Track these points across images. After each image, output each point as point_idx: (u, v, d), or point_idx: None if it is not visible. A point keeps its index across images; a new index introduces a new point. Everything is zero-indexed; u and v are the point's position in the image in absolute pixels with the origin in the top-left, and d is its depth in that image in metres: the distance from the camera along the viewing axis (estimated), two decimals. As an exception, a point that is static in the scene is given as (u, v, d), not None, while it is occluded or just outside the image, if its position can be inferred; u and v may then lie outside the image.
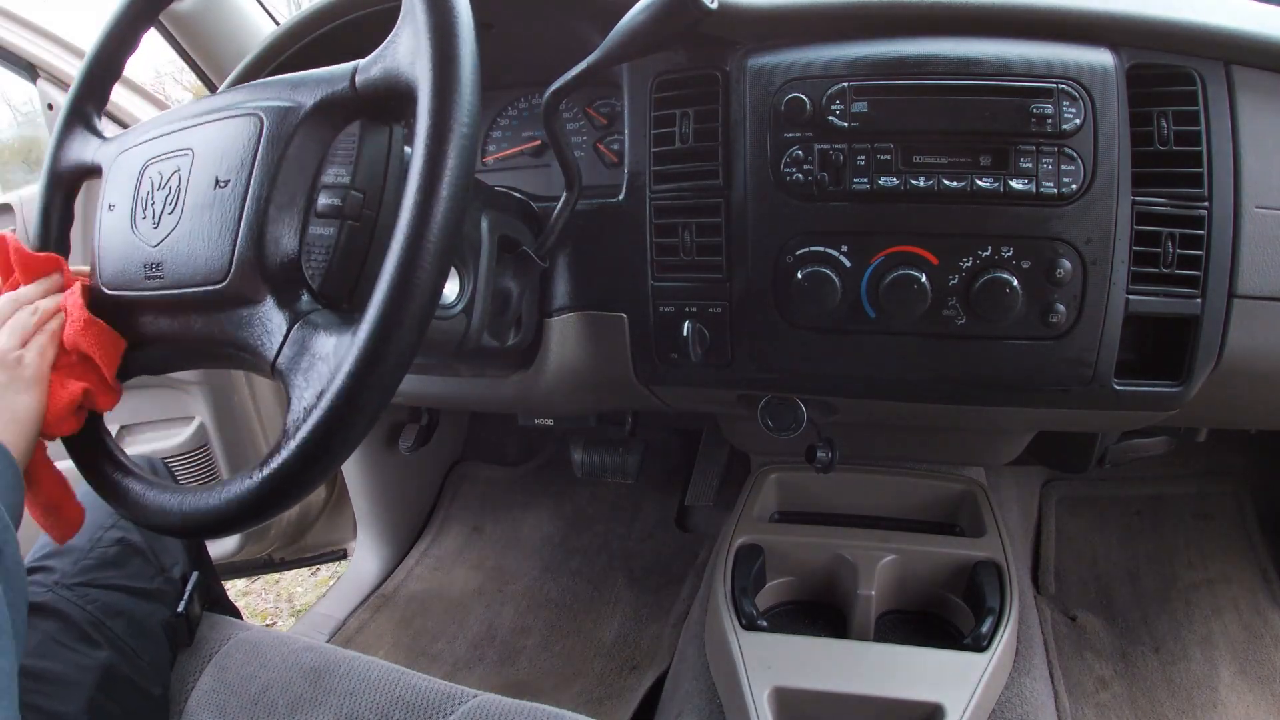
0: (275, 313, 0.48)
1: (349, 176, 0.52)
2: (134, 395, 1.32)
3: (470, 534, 1.50)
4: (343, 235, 0.52)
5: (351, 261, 0.53)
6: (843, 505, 1.06)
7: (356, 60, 0.49)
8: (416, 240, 0.42)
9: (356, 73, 0.49)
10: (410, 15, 0.46)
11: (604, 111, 0.94)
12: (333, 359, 0.44)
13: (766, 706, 0.76)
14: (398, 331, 0.42)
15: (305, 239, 0.51)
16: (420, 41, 0.45)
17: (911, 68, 0.67)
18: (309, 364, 0.45)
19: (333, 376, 0.43)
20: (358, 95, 0.49)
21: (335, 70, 0.50)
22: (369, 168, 0.53)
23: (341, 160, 0.53)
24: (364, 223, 0.52)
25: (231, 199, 0.50)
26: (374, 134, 0.53)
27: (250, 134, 0.50)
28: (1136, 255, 0.67)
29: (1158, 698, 1.01)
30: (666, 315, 0.78)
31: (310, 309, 0.49)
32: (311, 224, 0.51)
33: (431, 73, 0.44)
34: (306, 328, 0.47)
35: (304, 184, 0.50)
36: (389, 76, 0.47)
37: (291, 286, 0.49)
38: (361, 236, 0.52)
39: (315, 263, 0.52)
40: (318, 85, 0.50)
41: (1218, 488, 1.29)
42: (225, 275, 0.49)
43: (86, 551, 0.69)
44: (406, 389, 0.56)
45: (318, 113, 0.50)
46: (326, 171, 0.52)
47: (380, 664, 0.67)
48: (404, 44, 0.46)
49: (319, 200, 0.51)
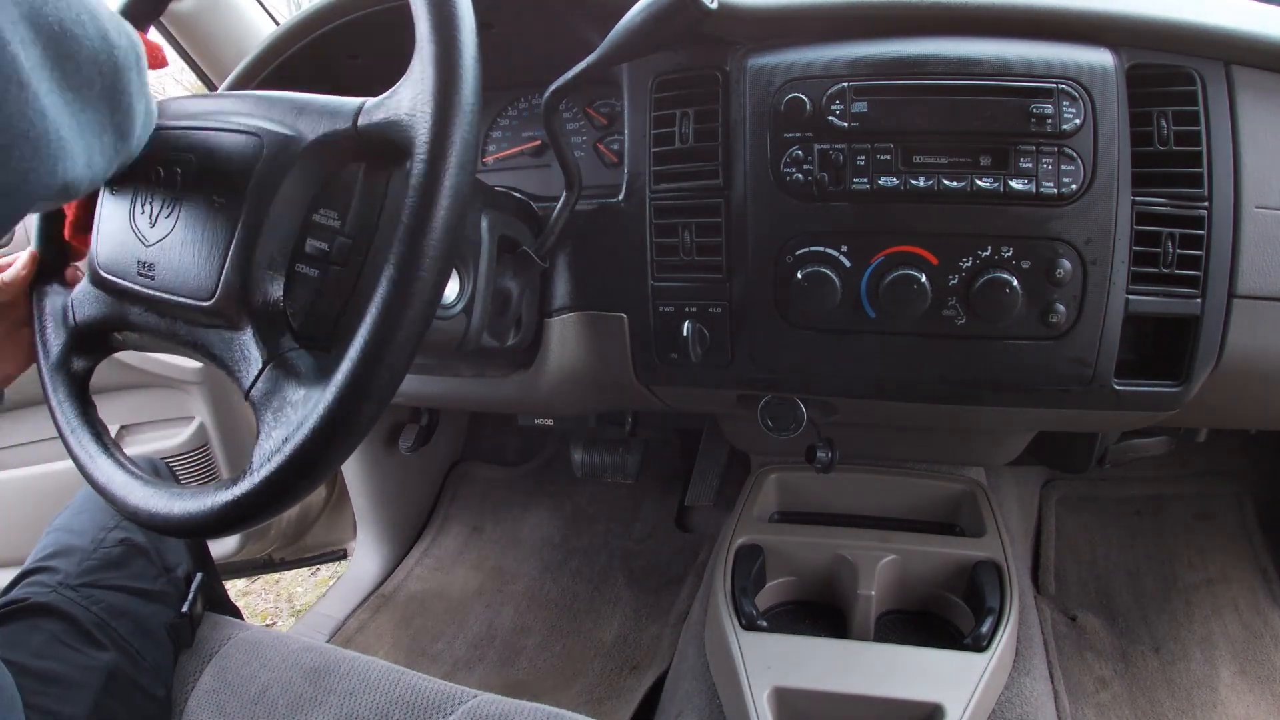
0: (254, 345, 0.49)
1: (340, 220, 0.52)
2: (134, 395, 1.32)
3: (470, 534, 1.50)
4: (328, 279, 0.52)
5: (333, 305, 0.53)
6: (843, 505, 1.06)
7: (363, 99, 0.49)
8: (393, 313, 0.43)
9: (360, 114, 0.48)
10: (421, 59, 0.46)
11: (604, 111, 0.94)
12: (301, 409, 0.45)
13: (766, 706, 0.76)
14: (364, 400, 0.43)
15: (290, 277, 0.51)
16: (422, 100, 0.45)
17: (911, 68, 0.67)
18: (279, 405, 0.46)
19: (300, 425, 0.44)
20: (359, 137, 0.49)
21: (340, 105, 0.50)
22: (361, 213, 0.53)
23: (335, 201, 0.52)
24: (350, 268, 0.53)
25: (224, 221, 0.50)
26: (370, 178, 0.53)
27: (249, 157, 0.50)
28: (1136, 255, 0.67)
29: (1158, 698, 1.01)
30: (666, 315, 0.78)
31: (289, 348, 0.49)
32: (298, 263, 0.52)
33: (430, 134, 0.44)
34: (281, 368, 0.48)
35: (295, 222, 0.51)
36: (389, 125, 0.47)
37: (272, 325, 0.50)
38: (347, 280, 0.53)
39: (298, 301, 0.52)
40: (320, 118, 0.50)
41: (1218, 488, 1.29)
42: (211, 295, 0.50)
43: (90, 552, 0.69)
44: (406, 389, 0.56)
45: (317, 149, 0.50)
46: (319, 211, 0.52)
47: (380, 664, 0.67)
48: (407, 97, 0.46)
49: (308, 242, 0.51)
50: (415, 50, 0.46)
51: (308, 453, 0.44)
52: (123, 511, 0.52)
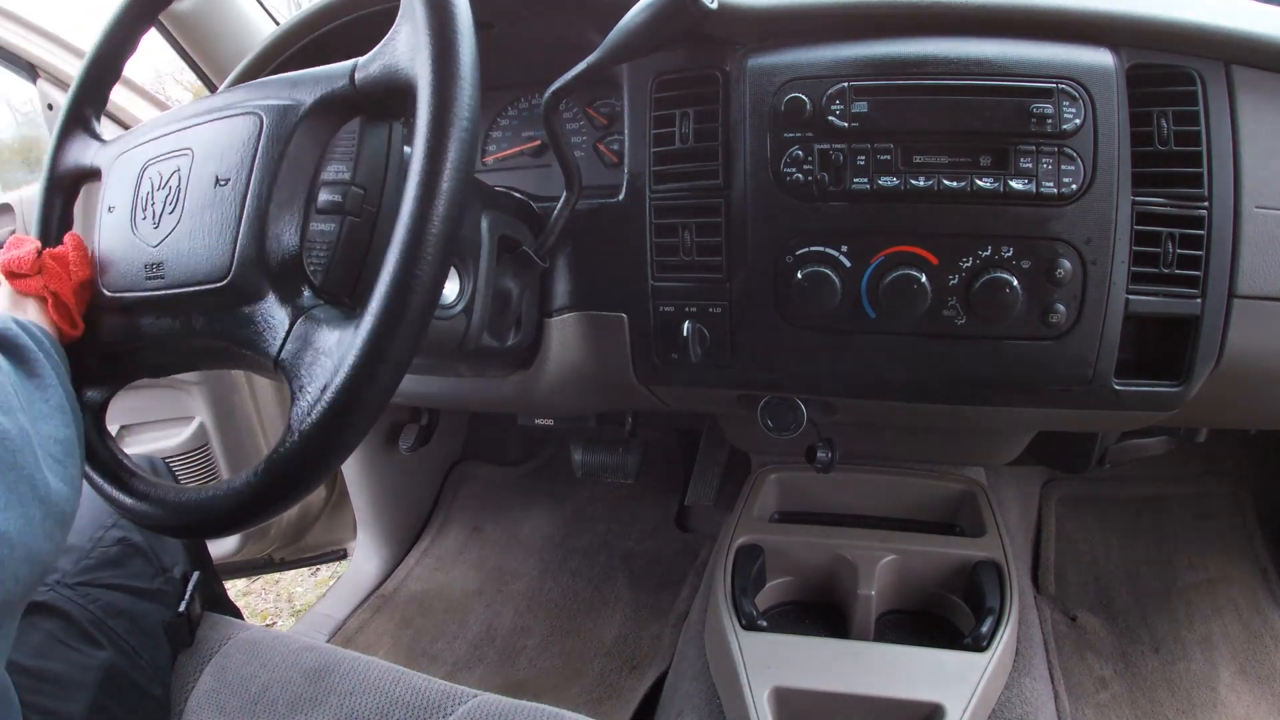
0: (277, 309, 0.48)
1: (349, 173, 0.52)
2: (134, 395, 1.32)
3: (470, 534, 1.50)
4: (343, 231, 0.52)
5: (352, 257, 0.53)
6: (843, 505, 1.06)
7: (356, 58, 0.49)
8: (418, 235, 0.42)
9: (356, 70, 0.49)
10: (409, 13, 0.46)
11: (604, 111, 0.94)
12: (336, 353, 0.44)
13: (766, 706, 0.76)
14: (400, 325, 0.42)
15: (306, 235, 0.51)
16: (419, 38, 0.45)
17: (911, 68, 0.67)
18: (312, 358, 0.45)
19: (337, 369, 0.43)
20: (357, 92, 0.49)
21: (334, 68, 0.50)
22: (369, 164, 0.53)
23: (341, 157, 0.53)
24: (364, 218, 0.53)
25: (232, 197, 0.50)
26: (374, 130, 0.53)
27: (250, 132, 0.50)
28: (1136, 255, 0.67)
29: (1158, 698, 1.01)
30: (666, 315, 0.78)
31: (312, 304, 0.49)
32: (312, 220, 0.51)
33: (431, 69, 0.44)
34: (309, 322, 0.47)
35: (304, 180, 0.50)
36: (388, 73, 0.47)
37: (293, 282, 0.49)
38: (362, 232, 0.53)
39: (316, 259, 0.52)
40: (317, 83, 0.50)
41: (1218, 488, 1.29)
42: (227, 273, 0.49)
43: (88, 551, 0.69)
44: (406, 389, 0.56)
45: (317, 110, 0.50)
46: (327, 168, 0.52)
47: (380, 664, 0.67)
48: (403, 41, 0.46)
49: (320, 196, 0.51)
50: (401, 10, 0.46)
51: (351, 394, 0.42)
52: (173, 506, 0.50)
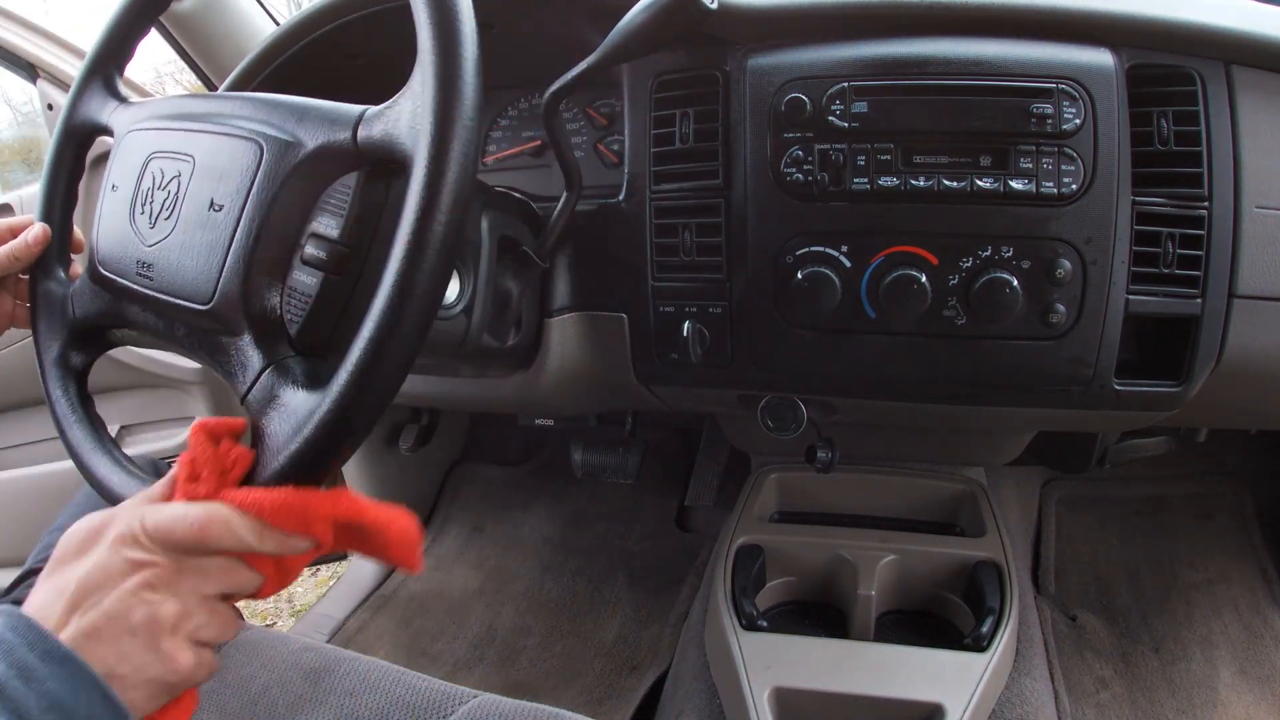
0: (252, 349, 0.49)
1: (338, 229, 0.52)
2: (134, 395, 1.32)
3: (470, 534, 1.50)
4: (325, 288, 0.52)
5: (330, 312, 0.53)
6: (843, 505, 1.06)
7: (364, 106, 0.49)
8: (389, 326, 0.42)
9: (360, 124, 0.48)
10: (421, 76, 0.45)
11: (604, 111, 0.94)
12: (298, 415, 0.45)
13: (766, 706, 0.76)
14: (365, 398, 0.43)
15: (288, 282, 0.51)
16: (421, 117, 0.44)
17: (911, 68, 0.67)
18: (276, 413, 0.46)
19: (296, 432, 0.44)
20: (357, 148, 0.48)
21: (341, 112, 0.49)
22: (358, 222, 0.53)
23: (333, 209, 0.52)
24: (347, 277, 0.53)
25: (224, 225, 0.50)
26: (369, 186, 0.53)
27: (249, 162, 0.50)
28: (1136, 255, 0.67)
29: (1158, 698, 1.01)
30: (666, 315, 0.78)
31: (285, 354, 0.49)
32: (295, 269, 0.52)
33: (428, 153, 0.44)
34: (279, 372, 0.48)
35: (293, 228, 0.51)
36: (387, 142, 0.46)
37: (270, 328, 0.50)
38: (343, 290, 0.53)
39: (295, 308, 0.52)
40: (321, 125, 0.50)
41: (1218, 488, 1.29)
42: (210, 298, 0.50)
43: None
44: (406, 389, 0.56)
45: (316, 158, 0.49)
46: (318, 218, 0.52)
47: (380, 664, 0.67)
48: (406, 110, 0.46)
49: (306, 249, 0.51)
50: (416, 63, 0.46)
51: (306, 458, 0.43)
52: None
